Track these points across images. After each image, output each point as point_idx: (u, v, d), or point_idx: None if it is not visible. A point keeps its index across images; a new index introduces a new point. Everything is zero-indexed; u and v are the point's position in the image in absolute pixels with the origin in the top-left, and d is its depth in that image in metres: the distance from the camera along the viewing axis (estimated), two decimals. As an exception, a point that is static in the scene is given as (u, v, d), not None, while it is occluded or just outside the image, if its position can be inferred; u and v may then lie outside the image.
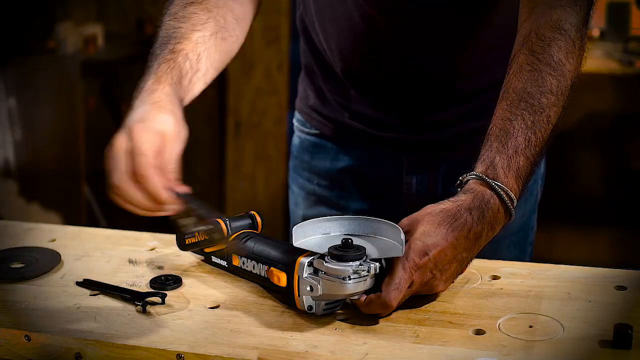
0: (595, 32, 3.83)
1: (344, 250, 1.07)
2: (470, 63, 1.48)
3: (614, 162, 4.06)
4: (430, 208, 1.14)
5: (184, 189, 1.11)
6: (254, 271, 1.19)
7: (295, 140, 1.68)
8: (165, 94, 1.17)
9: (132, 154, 1.08)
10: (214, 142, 3.92)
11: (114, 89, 3.91)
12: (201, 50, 1.28)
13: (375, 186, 1.58)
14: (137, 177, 1.08)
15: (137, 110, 1.15)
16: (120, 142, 1.10)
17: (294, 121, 1.69)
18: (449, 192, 1.51)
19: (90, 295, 1.19)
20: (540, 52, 1.21)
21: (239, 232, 1.25)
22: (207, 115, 3.88)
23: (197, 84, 1.27)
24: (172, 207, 1.09)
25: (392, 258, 1.08)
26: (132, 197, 1.08)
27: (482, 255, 1.18)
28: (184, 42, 1.26)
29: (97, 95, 3.86)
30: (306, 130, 1.64)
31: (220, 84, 3.79)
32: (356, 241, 1.10)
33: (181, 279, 1.23)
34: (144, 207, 1.09)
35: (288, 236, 1.15)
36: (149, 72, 1.21)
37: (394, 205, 1.55)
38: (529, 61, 1.22)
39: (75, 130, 3.45)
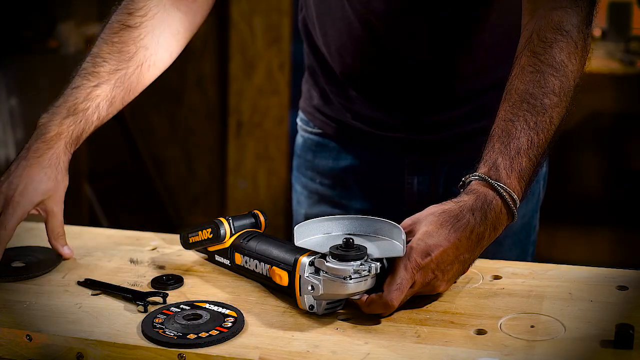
0: (597, 32, 3.83)
1: (345, 250, 1.07)
2: (470, 64, 1.48)
3: (614, 162, 4.06)
4: (432, 209, 1.14)
5: None
6: (257, 270, 1.19)
7: (299, 139, 1.68)
8: (56, 156, 1.32)
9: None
10: (215, 141, 3.92)
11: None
12: (116, 93, 1.38)
13: (376, 186, 1.58)
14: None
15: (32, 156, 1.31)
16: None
17: (298, 120, 1.69)
18: (450, 192, 1.51)
19: (91, 295, 1.19)
20: (542, 53, 1.21)
21: (242, 231, 1.25)
22: (209, 115, 3.88)
23: (96, 123, 1.38)
24: None
25: (394, 258, 1.08)
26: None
27: (484, 255, 1.18)
28: (102, 86, 1.35)
29: (98, 94, 3.86)
30: (309, 129, 1.64)
31: (221, 84, 3.79)
32: (357, 241, 1.10)
33: (182, 279, 1.23)
34: None
35: (289, 236, 1.15)
36: (62, 100, 1.35)
37: (395, 205, 1.56)
38: (531, 62, 1.22)
39: (76, 130, 3.45)
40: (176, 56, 1.45)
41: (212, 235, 1.25)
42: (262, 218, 1.28)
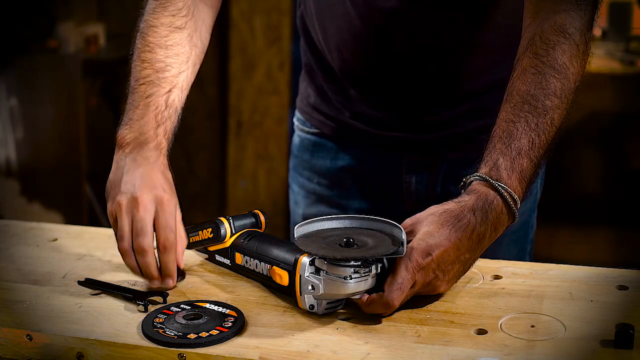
0: (597, 32, 3.83)
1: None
2: (470, 64, 1.47)
3: (614, 162, 4.06)
4: (433, 209, 1.14)
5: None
6: (257, 270, 1.19)
7: (296, 139, 1.68)
8: (162, 163, 1.28)
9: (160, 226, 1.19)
10: (215, 141, 3.92)
11: (115, 89, 3.91)
12: (183, 94, 1.37)
13: (374, 185, 1.58)
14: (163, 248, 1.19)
15: (138, 172, 1.25)
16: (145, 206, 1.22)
17: (294, 120, 1.69)
18: (448, 191, 1.51)
19: (91, 294, 1.19)
20: (544, 55, 1.21)
21: (242, 231, 1.25)
22: (209, 114, 3.89)
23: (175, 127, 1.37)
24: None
25: (395, 258, 1.08)
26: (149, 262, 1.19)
27: (483, 254, 1.18)
28: (174, 91, 1.34)
29: (98, 94, 3.86)
30: (306, 129, 1.64)
31: (221, 83, 3.79)
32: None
33: (182, 278, 1.23)
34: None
35: (289, 235, 1.15)
36: (141, 112, 1.31)
37: (393, 204, 1.55)
38: (533, 64, 1.21)
39: (76, 130, 3.45)
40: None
41: (212, 234, 1.25)
42: (262, 218, 1.28)
